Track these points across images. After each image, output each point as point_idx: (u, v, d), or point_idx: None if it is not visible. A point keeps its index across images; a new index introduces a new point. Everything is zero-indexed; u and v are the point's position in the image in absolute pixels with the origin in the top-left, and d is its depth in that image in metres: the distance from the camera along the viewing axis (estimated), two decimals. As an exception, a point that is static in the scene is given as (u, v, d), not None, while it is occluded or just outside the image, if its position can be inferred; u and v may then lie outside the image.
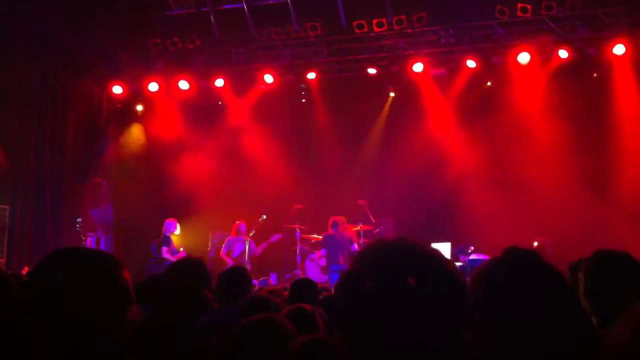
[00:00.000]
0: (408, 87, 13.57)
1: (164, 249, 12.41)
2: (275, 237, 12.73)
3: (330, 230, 12.36)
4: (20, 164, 13.08)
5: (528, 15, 12.01)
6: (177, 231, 12.72)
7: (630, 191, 11.74)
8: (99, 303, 2.01)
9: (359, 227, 12.91)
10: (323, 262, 12.94)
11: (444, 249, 11.54)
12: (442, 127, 13.64)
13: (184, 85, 14.17)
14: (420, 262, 1.45)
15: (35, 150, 13.45)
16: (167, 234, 12.59)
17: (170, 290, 3.52)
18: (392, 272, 1.42)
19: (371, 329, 1.41)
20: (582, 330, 1.77)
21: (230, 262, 12.35)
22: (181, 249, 12.71)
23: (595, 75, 12.57)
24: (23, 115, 13.36)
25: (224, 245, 12.85)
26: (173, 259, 11.61)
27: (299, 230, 13.08)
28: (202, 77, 14.22)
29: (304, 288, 5.13)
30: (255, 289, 6.02)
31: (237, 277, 4.72)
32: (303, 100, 14.65)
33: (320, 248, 12.68)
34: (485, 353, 1.71)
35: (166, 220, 12.79)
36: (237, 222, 12.88)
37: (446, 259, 1.50)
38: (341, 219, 12.57)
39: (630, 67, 12.11)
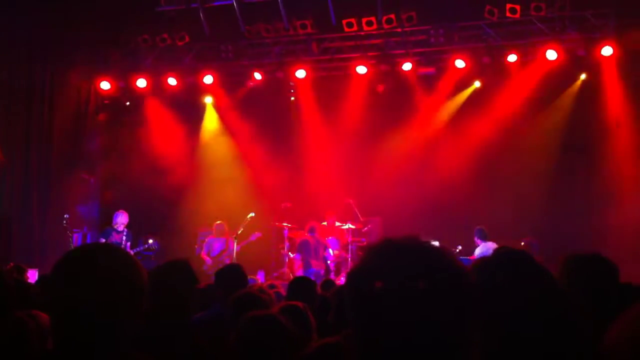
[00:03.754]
0: (397, 86, 13.58)
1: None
2: (255, 235, 12.67)
3: (307, 236, 12.51)
4: (7, 160, 12.99)
5: (517, 16, 12.08)
6: (120, 221, 12.01)
7: (617, 191, 11.83)
8: (118, 302, 2.02)
9: (347, 226, 12.91)
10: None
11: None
12: (430, 126, 13.66)
13: (172, 81, 14.10)
14: (432, 262, 1.44)
15: (22, 146, 13.37)
16: (109, 227, 12.13)
17: (156, 294, 3.51)
18: (403, 272, 1.41)
19: (379, 329, 1.40)
20: (571, 331, 1.77)
21: (208, 261, 12.30)
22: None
23: (583, 76, 12.64)
24: (10, 110, 13.28)
25: (204, 245, 12.79)
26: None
27: (286, 229, 13.06)
28: (190, 74, 14.15)
29: (302, 286, 5.14)
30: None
31: (233, 274, 4.76)
32: (292, 98, 14.63)
33: (295, 252, 12.72)
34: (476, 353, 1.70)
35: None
36: (218, 222, 12.83)
37: (455, 257, 1.49)
38: (319, 225, 12.66)
39: (618, 68, 12.18)
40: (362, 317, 1.43)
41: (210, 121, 15.00)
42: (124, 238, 11.83)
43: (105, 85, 14.30)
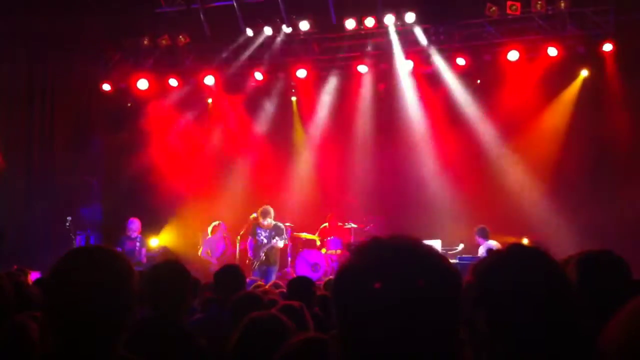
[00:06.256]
0: (398, 85, 13.56)
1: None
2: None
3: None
4: (10, 162, 12.99)
5: (517, 13, 12.06)
6: (132, 228, 12.22)
7: (619, 188, 11.80)
8: (113, 303, 2.06)
9: (349, 225, 12.91)
10: (313, 260, 12.92)
11: (434, 246, 11.51)
12: (432, 124, 13.62)
13: (173, 82, 14.11)
14: (425, 261, 1.43)
15: (24, 148, 13.38)
16: (123, 235, 12.30)
17: (153, 293, 3.51)
18: (391, 271, 1.40)
19: (376, 330, 1.38)
20: (581, 334, 1.74)
21: (214, 262, 12.31)
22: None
23: (584, 72, 12.61)
24: (12, 113, 13.29)
25: (203, 245, 12.79)
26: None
27: (289, 229, 13.03)
28: (191, 75, 14.16)
29: (301, 286, 5.14)
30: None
31: (230, 275, 4.76)
32: (293, 98, 14.62)
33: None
34: (482, 353, 1.69)
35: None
36: (216, 222, 12.84)
37: (443, 256, 1.48)
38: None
39: (618, 64, 12.15)
40: (346, 316, 1.42)
41: (212, 122, 14.99)
42: (138, 244, 12.01)
43: (106, 87, 14.30)
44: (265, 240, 11.73)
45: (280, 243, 11.75)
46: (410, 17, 12.56)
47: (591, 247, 3.27)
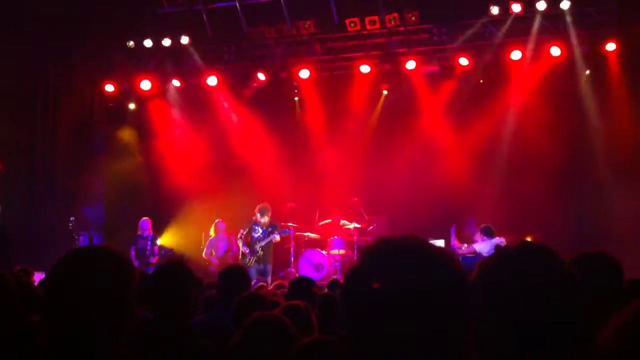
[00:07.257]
0: (401, 85, 13.56)
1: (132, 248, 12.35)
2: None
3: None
4: (12, 163, 13.01)
5: (520, 12, 12.06)
6: (143, 227, 12.50)
7: (623, 187, 11.78)
8: (113, 303, 2.08)
9: (352, 225, 12.92)
10: (316, 260, 12.92)
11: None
12: (435, 124, 13.62)
13: (176, 83, 14.13)
14: (429, 261, 1.43)
15: (27, 149, 13.39)
16: (136, 235, 12.50)
17: (157, 294, 3.52)
18: (401, 272, 1.41)
19: (376, 330, 1.39)
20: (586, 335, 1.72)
21: (215, 262, 12.32)
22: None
23: (587, 72, 12.60)
24: (14, 114, 13.29)
25: (205, 246, 12.82)
26: (136, 262, 11.53)
27: (292, 229, 13.03)
28: (194, 75, 14.17)
29: (302, 286, 5.14)
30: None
31: (235, 276, 4.75)
32: (296, 99, 14.62)
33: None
34: (484, 353, 1.69)
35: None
36: (216, 220, 12.86)
37: (451, 257, 1.48)
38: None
39: (621, 64, 12.14)
40: (355, 318, 1.43)
41: (215, 122, 14.98)
42: (149, 243, 12.26)
43: (109, 87, 14.32)
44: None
45: (277, 237, 11.94)
46: (412, 17, 12.56)
47: (595, 247, 3.28)
